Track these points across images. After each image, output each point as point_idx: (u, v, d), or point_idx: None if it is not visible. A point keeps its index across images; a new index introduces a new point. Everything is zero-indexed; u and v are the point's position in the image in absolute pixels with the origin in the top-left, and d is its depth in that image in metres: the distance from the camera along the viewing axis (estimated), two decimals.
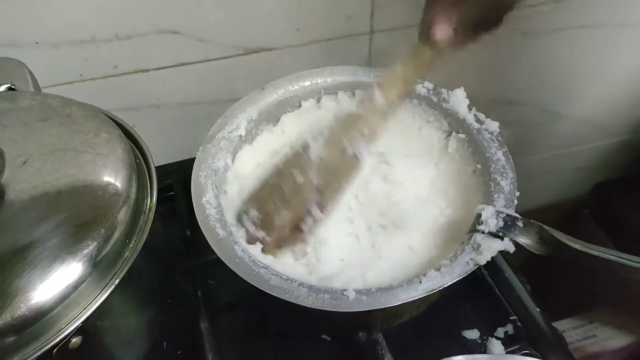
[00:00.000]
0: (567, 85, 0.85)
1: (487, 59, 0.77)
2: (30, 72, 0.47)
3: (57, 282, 0.31)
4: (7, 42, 0.53)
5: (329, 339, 0.46)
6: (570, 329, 1.06)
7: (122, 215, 0.34)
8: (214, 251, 0.37)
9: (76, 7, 0.54)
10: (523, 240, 0.36)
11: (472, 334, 0.46)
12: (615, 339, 1.03)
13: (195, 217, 0.39)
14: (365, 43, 0.67)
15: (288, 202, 0.41)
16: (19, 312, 0.29)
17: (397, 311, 0.40)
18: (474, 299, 0.48)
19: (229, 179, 0.44)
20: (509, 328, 0.46)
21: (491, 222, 0.36)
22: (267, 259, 0.39)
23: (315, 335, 0.46)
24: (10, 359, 0.29)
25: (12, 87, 0.45)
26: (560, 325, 1.07)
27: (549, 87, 0.84)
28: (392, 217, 0.42)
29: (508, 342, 0.44)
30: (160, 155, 0.54)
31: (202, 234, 0.38)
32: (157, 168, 0.48)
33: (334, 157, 0.41)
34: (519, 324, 0.45)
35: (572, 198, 1.11)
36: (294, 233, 0.40)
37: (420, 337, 0.45)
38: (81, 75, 0.59)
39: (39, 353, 0.29)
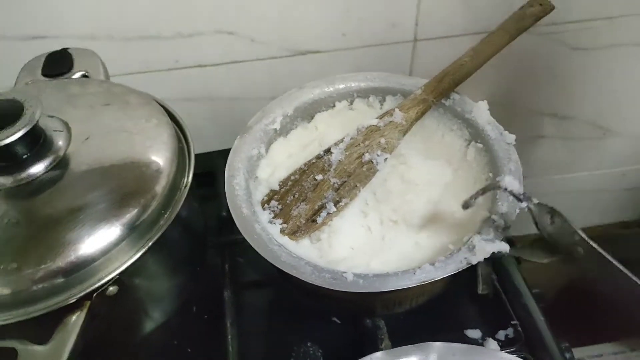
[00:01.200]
0: (619, 101, 0.84)
1: (534, 71, 0.78)
2: (102, 62, 0.54)
3: (101, 239, 0.37)
4: (86, 35, 0.62)
5: (338, 321, 0.50)
6: (609, 354, 1.03)
7: (160, 190, 0.40)
8: None
9: (146, 7, 0.61)
10: (537, 215, 0.38)
11: (474, 334, 0.48)
12: None
13: None
14: (408, 50, 0.70)
15: (306, 196, 0.45)
16: (68, 259, 0.36)
17: (398, 299, 0.43)
18: (482, 301, 0.51)
19: (261, 166, 0.50)
20: (510, 332, 0.48)
21: (513, 184, 0.39)
22: (284, 239, 0.43)
23: (326, 317, 0.50)
24: (59, 297, 0.36)
25: (86, 74, 0.52)
26: (599, 349, 1.05)
27: (600, 102, 0.84)
28: (403, 214, 0.46)
29: (506, 344, 0.46)
30: (210, 142, 0.61)
31: None
32: (205, 154, 0.55)
33: (352, 161, 0.45)
34: (519, 328, 0.48)
35: (622, 219, 1.08)
36: (308, 224, 0.45)
37: (423, 328, 0.48)
38: (147, 67, 0.67)
39: (82, 294, 0.36)
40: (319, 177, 0.46)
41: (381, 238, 0.45)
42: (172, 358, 0.50)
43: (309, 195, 0.46)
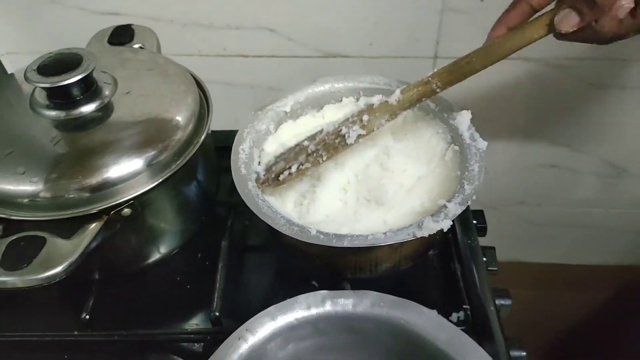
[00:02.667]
0: (634, 142, 0.86)
1: (552, 102, 0.83)
2: (157, 38, 0.65)
3: (123, 168, 0.47)
4: (152, 17, 0.73)
5: (317, 285, 0.57)
6: None
7: (176, 142, 0.50)
8: None
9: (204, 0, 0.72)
10: None
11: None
12: None
13: None
14: (429, 65, 0.77)
15: (287, 157, 0.54)
16: (95, 179, 0.46)
17: (359, 263, 0.50)
18: (443, 286, 0.57)
19: (268, 141, 0.58)
20: (461, 315, 0.54)
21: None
22: (270, 198, 0.52)
23: (307, 281, 0.57)
24: (84, 208, 0.46)
25: (142, 46, 0.63)
26: None
27: (615, 141, 0.86)
28: (376, 195, 0.53)
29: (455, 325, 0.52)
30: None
31: None
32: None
33: (332, 133, 0.53)
34: (469, 313, 0.53)
35: (637, 264, 1.09)
36: (275, 180, 0.52)
37: None
38: (199, 50, 0.78)
39: (102, 208, 0.46)
40: (306, 143, 0.54)
41: (354, 212, 0.53)
42: (173, 290, 0.59)
43: (289, 156, 0.54)
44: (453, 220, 0.47)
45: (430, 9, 0.72)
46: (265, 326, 0.41)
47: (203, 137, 0.52)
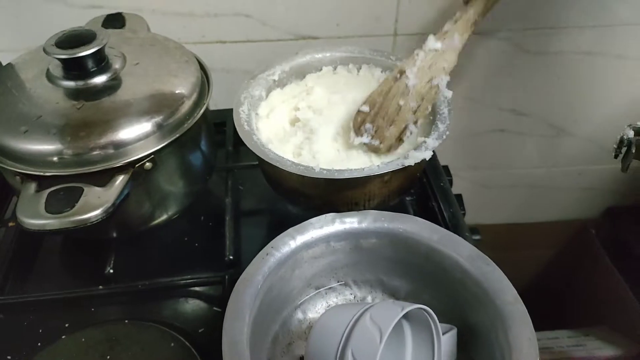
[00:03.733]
0: (570, 104, 0.98)
1: (498, 70, 0.93)
2: (147, 25, 0.71)
3: (139, 129, 0.52)
4: (134, 8, 0.78)
5: None
6: (564, 337, 1.16)
7: (180, 111, 0.56)
8: (247, 159, 0.59)
9: None
10: None
11: None
12: (602, 350, 1.11)
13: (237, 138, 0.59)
14: (390, 43, 0.87)
15: (393, 120, 0.59)
16: (117, 137, 0.51)
17: (354, 199, 0.58)
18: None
19: (261, 106, 0.65)
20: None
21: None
22: (272, 146, 0.59)
23: None
24: (112, 162, 0.51)
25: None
26: (557, 333, 1.17)
27: (553, 103, 0.98)
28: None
29: None
30: (225, 103, 0.77)
31: (241, 149, 0.61)
32: (219, 110, 0.72)
33: (424, 85, 0.58)
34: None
35: (580, 218, 1.21)
36: (397, 142, 0.59)
37: None
38: (179, 38, 0.83)
39: (127, 161, 0.51)
40: (401, 102, 0.58)
41: (347, 157, 0.60)
42: (183, 247, 0.65)
43: (395, 118, 0.58)
44: (431, 158, 0.55)
45: None
46: (287, 244, 0.48)
47: (207, 102, 0.59)
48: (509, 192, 1.15)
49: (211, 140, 0.66)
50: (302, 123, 0.63)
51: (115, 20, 0.69)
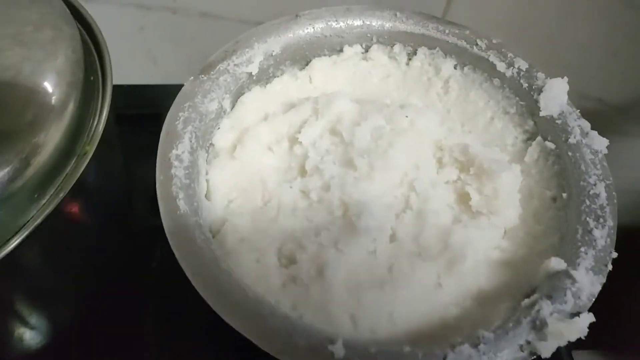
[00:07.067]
0: None
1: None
2: None
3: None
4: None
5: None
6: None
7: (48, 139, 0.23)
8: None
9: None
10: None
11: None
12: None
13: None
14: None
15: None
16: None
17: None
18: None
19: (221, 129, 0.33)
20: None
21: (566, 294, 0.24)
22: (236, 251, 0.27)
23: None
24: None
25: None
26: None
27: None
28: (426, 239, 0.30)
29: None
30: (169, 72, 0.44)
31: None
32: (160, 87, 0.44)
33: None
34: None
35: None
36: None
37: None
38: None
39: None
40: None
41: (388, 268, 0.30)
42: None
43: None
44: None
45: None
46: None
47: (103, 120, 0.27)
48: None
49: (123, 187, 0.34)
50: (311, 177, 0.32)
51: None
